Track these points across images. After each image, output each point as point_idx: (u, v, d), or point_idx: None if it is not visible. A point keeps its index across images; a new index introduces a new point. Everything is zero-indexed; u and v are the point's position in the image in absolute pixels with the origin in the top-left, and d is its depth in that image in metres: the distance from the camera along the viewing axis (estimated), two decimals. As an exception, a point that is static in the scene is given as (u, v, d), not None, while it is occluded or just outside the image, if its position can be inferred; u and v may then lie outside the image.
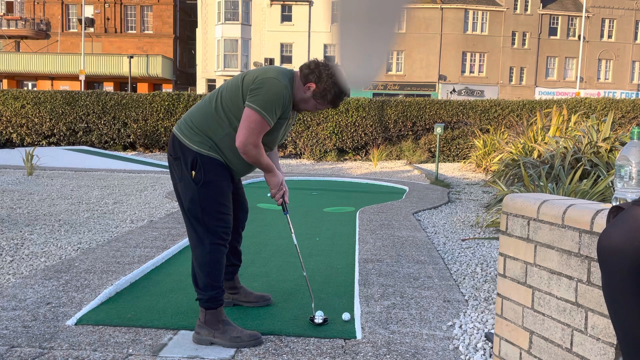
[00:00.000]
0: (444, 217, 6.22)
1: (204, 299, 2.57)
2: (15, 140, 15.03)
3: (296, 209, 6.58)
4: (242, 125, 2.50)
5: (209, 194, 2.56)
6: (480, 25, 39.33)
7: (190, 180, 2.56)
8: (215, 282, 2.57)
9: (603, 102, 14.87)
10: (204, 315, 2.57)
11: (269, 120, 2.51)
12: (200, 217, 2.56)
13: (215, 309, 2.57)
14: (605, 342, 1.66)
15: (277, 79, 2.52)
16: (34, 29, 39.17)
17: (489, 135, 12.02)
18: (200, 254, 2.58)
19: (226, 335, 2.53)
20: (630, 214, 1.42)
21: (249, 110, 2.49)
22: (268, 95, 2.49)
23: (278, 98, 2.50)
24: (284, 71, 2.61)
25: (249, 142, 2.50)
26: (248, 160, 2.57)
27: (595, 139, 6.61)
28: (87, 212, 6.05)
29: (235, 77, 2.65)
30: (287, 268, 3.90)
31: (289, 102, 2.58)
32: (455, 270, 3.97)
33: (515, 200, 2.08)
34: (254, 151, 2.53)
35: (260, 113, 2.48)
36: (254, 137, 2.50)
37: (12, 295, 3.12)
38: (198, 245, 2.58)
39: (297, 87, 2.63)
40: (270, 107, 2.50)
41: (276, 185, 2.73)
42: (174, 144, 2.63)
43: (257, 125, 2.50)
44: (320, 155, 14.74)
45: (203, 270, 2.57)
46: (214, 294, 2.57)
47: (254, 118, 2.49)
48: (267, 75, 2.53)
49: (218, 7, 36.69)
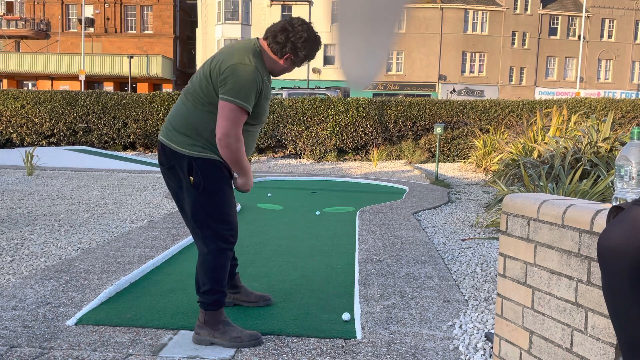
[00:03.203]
0: (444, 217, 6.22)
1: (207, 302, 2.55)
2: (15, 140, 15.03)
3: (296, 209, 6.58)
4: (220, 118, 2.42)
5: (211, 198, 2.52)
6: (480, 25, 39.33)
7: (189, 187, 2.51)
8: (219, 286, 2.56)
9: (603, 102, 14.87)
10: (203, 315, 2.56)
11: (246, 106, 2.43)
12: (205, 222, 2.53)
13: (216, 311, 2.56)
14: (605, 342, 1.66)
15: (244, 63, 2.43)
16: (34, 29, 39.17)
17: (489, 135, 12.01)
18: (206, 259, 2.54)
19: (226, 336, 2.52)
20: (630, 214, 1.42)
21: (224, 103, 2.41)
22: (240, 82, 2.40)
23: (250, 83, 2.42)
24: (248, 49, 2.50)
25: (231, 134, 2.42)
26: (228, 155, 2.46)
27: (595, 139, 6.61)
28: (87, 212, 6.05)
29: (201, 66, 2.57)
30: (287, 268, 3.90)
31: (262, 81, 2.49)
32: (455, 270, 3.97)
33: (515, 200, 2.08)
34: (236, 144, 2.44)
35: (235, 103, 2.40)
36: (235, 128, 2.42)
37: (12, 295, 3.12)
38: (204, 251, 2.55)
39: (270, 61, 2.55)
40: (245, 94, 2.41)
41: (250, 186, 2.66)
42: (165, 153, 2.55)
43: (236, 114, 2.42)
44: (320, 155, 14.74)
45: (208, 276, 2.54)
46: (217, 297, 2.56)
47: (231, 108, 2.41)
48: (233, 62, 2.43)
49: (218, 7, 36.69)
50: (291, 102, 14.78)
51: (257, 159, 14.50)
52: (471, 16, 39.21)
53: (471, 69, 39.57)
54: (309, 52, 2.58)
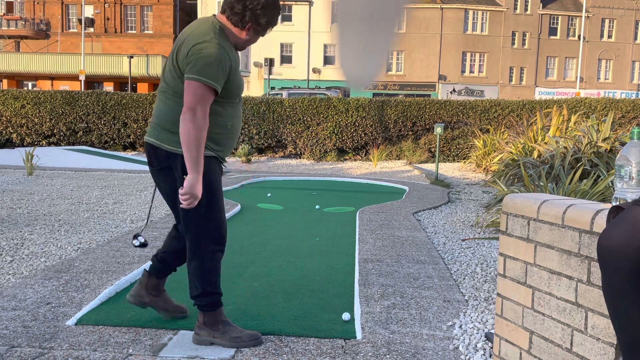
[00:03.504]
0: (444, 217, 6.22)
1: (202, 304, 2.54)
2: (15, 140, 15.03)
3: (296, 209, 6.58)
4: (186, 94, 2.32)
5: (208, 197, 2.47)
6: (480, 25, 39.34)
7: None
8: (213, 288, 2.53)
9: (603, 102, 14.87)
10: (202, 316, 2.55)
11: (214, 84, 2.33)
12: (199, 224, 2.48)
13: (215, 311, 2.55)
14: (605, 342, 1.66)
15: (206, 41, 2.34)
16: (34, 29, 39.18)
17: (489, 135, 12.01)
18: (199, 262, 2.51)
19: (226, 336, 2.51)
20: (630, 214, 1.42)
21: (189, 81, 2.32)
22: (204, 61, 2.31)
23: (215, 61, 2.33)
24: (207, 28, 2.40)
25: (198, 109, 2.31)
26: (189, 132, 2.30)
27: (595, 139, 6.61)
28: (87, 212, 6.05)
29: (167, 60, 2.50)
30: (287, 268, 3.90)
31: (229, 56, 2.40)
32: (455, 270, 3.97)
33: (515, 200, 2.08)
34: (201, 122, 2.31)
35: (201, 80, 2.31)
36: (202, 104, 2.32)
37: (12, 295, 3.12)
38: (197, 254, 2.51)
39: (233, 35, 2.46)
40: (211, 72, 2.32)
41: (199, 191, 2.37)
42: (155, 154, 2.48)
43: (202, 91, 2.31)
44: (320, 155, 14.74)
45: (201, 278, 2.51)
46: (212, 299, 2.54)
47: (197, 85, 2.31)
48: (195, 42, 2.34)
49: (218, 7, 36.67)
50: (291, 102, 14.78)
51: (257, 159, 14.50)
52: (471, 16, 39.21)
53: (471, 69, 39.58)
54: (270, 17, 2.48)
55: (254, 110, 14.78)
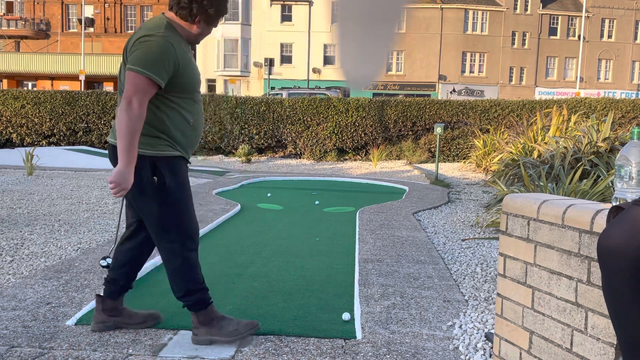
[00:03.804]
0: (444, 217, 6.22)
1: (191, 304, 2.52)
2: (15, 140, 15.02)
3: (296, 209, 6.58)
4: (127, 86, 2.30)
5: (176, 198, 2.44)
6: (480, 25, 39.34)
7: (153, 188, 2.41)
8: (197, 285, 2.51)
9: (603, 102, 14.87)
10: (195, 316, 2.54)
11: (155, 78, 2.30)
12: (172, 224, 2.45)
13: (205, 309, 2.53)
14: (605, 342, 1.66)
15: (151, 34, 2.33)
16: (34, 29, 39.18)
17: (489, 135, 12.01)
18: (178, 264, 2.47)
19: (224, 331, 2.51)
20: (630, 214, 1.42)
21: (130, 72, 2.29)
22: (146, 52, 2.29)
23: (159, 54, 2.31)
24: (156, 24, 2.39)
25: (134, 100, 2.27)
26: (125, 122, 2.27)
27: (595, 139, 6.61)
28: (87, 212, 6.05)
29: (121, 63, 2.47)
30: (287, 268, 3.90)
31: (177, 50, 2.37)
32: (455, 270, 3.97)
33: (515, 200, 2.08)
34: (137, 111, 2.28)
35: (142, 73, 2.28)
36: (140, 95, 2.28)
37: (12, 295, 3.12)
38: (174, 256, 2.46)
39: (184, 30, 2.44)
40: (154, 65, 2.29)
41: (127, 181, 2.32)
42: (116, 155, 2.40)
43: (142, 82, 2.29)
44: (320, 155, 14.74)
45: (183, 279, 2.49)
46: (198, 297, 2.52)
47: (137, 76, 2.28)
48: (142, 34, 2.34)
49: (218, 7, 36.66)
50: (291, 102, 14.78)
51: (257, 159, 14.50)
52: (471, 16, 39.21)
53: (471, 69, 39.58)
54: (218, 6, 2.46)
55: (254, 110, 14.78)
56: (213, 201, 6.78)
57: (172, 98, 2.42)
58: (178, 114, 2.45)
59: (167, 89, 2.39)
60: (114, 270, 2.65)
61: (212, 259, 4.11)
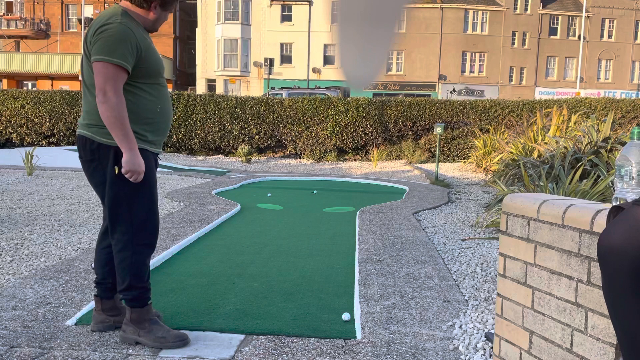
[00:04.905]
0: (444, 217, 6.22)
1: (128, 299, 2.50)
2: (15, 140, 15.02)
3: (296, 209, 6.57)
4: (96, 77, 2.31)
5: (137, 188, 2.42)
6: (480, 25, 39.33)
7: (114, 178, 2.40)
8: (140, 282, 2.49)
9: (603, 102, 14.87)
10: (129, 313, 2.50)
11: (122, 63, 2.31)
12: (126, 216, 2.44)
13: (141, 308, 2.50)
14: (605, 342, 1.66)
15: (109, 22, 2.34)
16: (33, 28, 39.17)
17: (489, 135, 12.02)
18: (126, 256, 2.45)
19: (151, 335, 2.47)
20: (631, 213, 1.42)
21: (96, 63, 2.30)
22: (108, 40, 2.30)
23: (120, 40, 2.31)
24: (111, 13, 2.40)
25: (108, 89, 2.29)
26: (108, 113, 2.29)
27: (595, 139, 6.61)
28: (87, 212, 6.05)
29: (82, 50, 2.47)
30: (287, 268, 3.90)
31: (136, 35, 2.38)
32: (455, 270, 3.97)
33: (515, 200, 2.08)
34: (115, 98, 2.29)
35: (108, 60, 2.29)
36: (111, 82, 2.30)
37: (12, 295, 3.12)
38: (124, 248, 2.45)
39: (140, 17, 2.46)
40: (117, 51, 2.30)
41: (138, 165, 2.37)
42: (85, 146, 2.45)
43: (110, 70, 2.30)
44: (320, 155, 14.74)
45: (128, 272, 2.46)
46: (138, 293, 2.49)
47: (104, 65, 2.29)
48: (100, 24, 2.34)
49: (218, 7, 36.69)
50: (291, 102, 14.78)
51: (257, 159, 14.50)
52: (471, 16, 39.21)
53: (471, 69, 39.57)
54: None
55: (254, 110, 14.78)
56: (213, 201, 6.78)
57: (138, 84, 2.43)
58: (146, 100, 2.45)
59: (132, 75, 2.39)
60: (99, 270, 2.65)
61: (212, 259, 4.11)
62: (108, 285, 2.64)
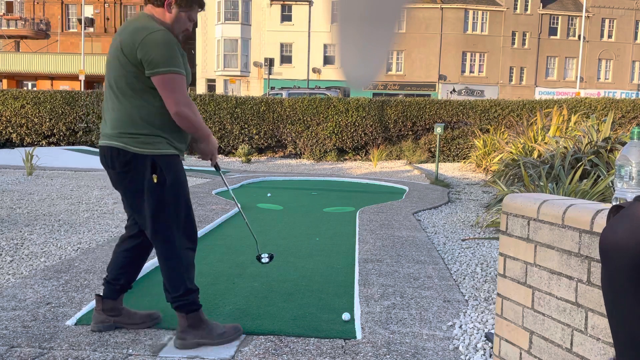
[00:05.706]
0: (444, 217, 6.22)
1: (185, 304, 2.48)
2: (15, 140, 15.02)
3: (296, 209, 6.57)
4: (164, 93, 2.34)
5: (176, 195, 2.44)
6: (480, 25, 39.34)
7: (153, 186, 2.40)
8: (193, 285, 2.52)
9: (603, 102, 14.86)
10: (185, 320, 2.48)
11: (180, 70, 2.36)
12: (171, 222, 2.44)
13: (197, 311, 2.52)
14: (605, 342, 1.66)
15: (153, 30, 2.33)
16: (33, 28, 39.18)
17: (489, 135, 12.01)
18: (178, 261, 2.46)
19: (213, 334, 2.50)
20: (632, 210, 1.43)
21: (158, 77, 2.32)
22: (161, 50, 2.31)
23: (169, 46, 2.33)
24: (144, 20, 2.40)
25: (181, 103, 2.34)
26: (188, 125, 2.40)
27: (595, 139, 6.61)
28: (87, 212, 6.05)
29: (110, 56, 2.43)
30: (287, 268, 3.90)
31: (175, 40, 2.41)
32: (455, 270, 3.97)
33: (515, 200, 2.08)
34: (189, 111, 2.37)
35: (169, 71, 2.32)
36: (182, 95, 2.35)
37: (12, 295, 3.12)
38: (175, 253, 2.46)
39: (163, 18, 2.43)
40: (172, 59, 2.33)
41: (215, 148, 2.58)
42: (118, 157, 2.40)
43: (175, 81, 2.34)
44: (320, 155, 14.73)
45: (182, 277, 2.46)
46: (193, 297, 2.51)
47: (168, 78, 2.32)
48: (143, 36, 2.32)
49: (218, 7, 36.68)
50: (291, 102, 14.78)
51: (257, 159, 14.50)
52: (471, 16, 39.21)
53: (471, 69, 39.57)
54: None
55: (253, 110, 14.78)
56: (213, 201, 6.78)
57: None
58: None
59: None
60: (113, 271, 2.65)
61: (212, 259, 4.11)
62: (117, 287, 2.64)
